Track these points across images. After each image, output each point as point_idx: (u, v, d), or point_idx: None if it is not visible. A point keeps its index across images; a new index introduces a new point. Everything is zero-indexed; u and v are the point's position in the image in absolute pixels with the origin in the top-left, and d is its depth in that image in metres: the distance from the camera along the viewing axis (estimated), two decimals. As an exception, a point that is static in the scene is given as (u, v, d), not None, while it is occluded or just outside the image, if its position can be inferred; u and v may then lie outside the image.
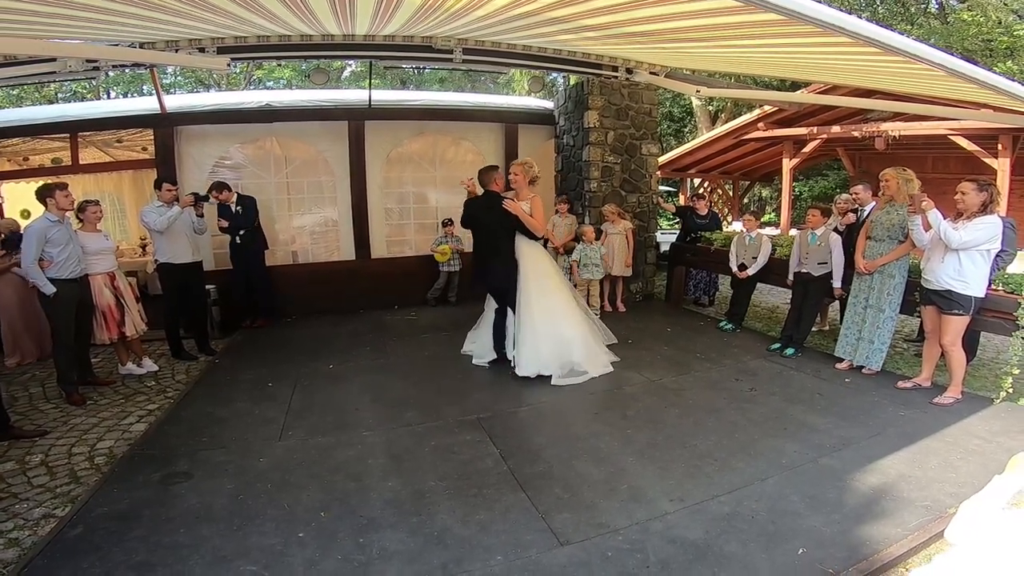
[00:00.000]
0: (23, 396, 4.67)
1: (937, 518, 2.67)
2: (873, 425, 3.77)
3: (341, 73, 19.42)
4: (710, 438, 3.60)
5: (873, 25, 2.53)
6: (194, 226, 5.77)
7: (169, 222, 5.38)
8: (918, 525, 2.64)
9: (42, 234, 4.31)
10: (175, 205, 5.50)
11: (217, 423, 3.97)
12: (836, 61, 3.97)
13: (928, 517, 2.70)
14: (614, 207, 7.13)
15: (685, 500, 2.89)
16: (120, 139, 8.03)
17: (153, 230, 5.48)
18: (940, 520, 2.64)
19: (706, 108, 16.31)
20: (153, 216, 5.39)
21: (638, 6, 3.23)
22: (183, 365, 5.49)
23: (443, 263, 7.55)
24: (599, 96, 7.23)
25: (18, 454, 3.57)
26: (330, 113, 7.30)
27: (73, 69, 4.64)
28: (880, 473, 3.13)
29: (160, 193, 5.52)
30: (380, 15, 4.15)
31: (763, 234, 6.23)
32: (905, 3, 14.91)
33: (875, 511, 2.78)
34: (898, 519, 2.70)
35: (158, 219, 5.36)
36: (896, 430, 3.68)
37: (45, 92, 16.50)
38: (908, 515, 2.73)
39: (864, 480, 3.07)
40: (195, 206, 5.68)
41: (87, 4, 3.03)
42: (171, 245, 5.55)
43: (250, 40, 4.84)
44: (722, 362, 5.15)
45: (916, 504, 2.82)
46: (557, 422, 3.89)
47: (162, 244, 5.54)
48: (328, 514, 2.80)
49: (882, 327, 4.66)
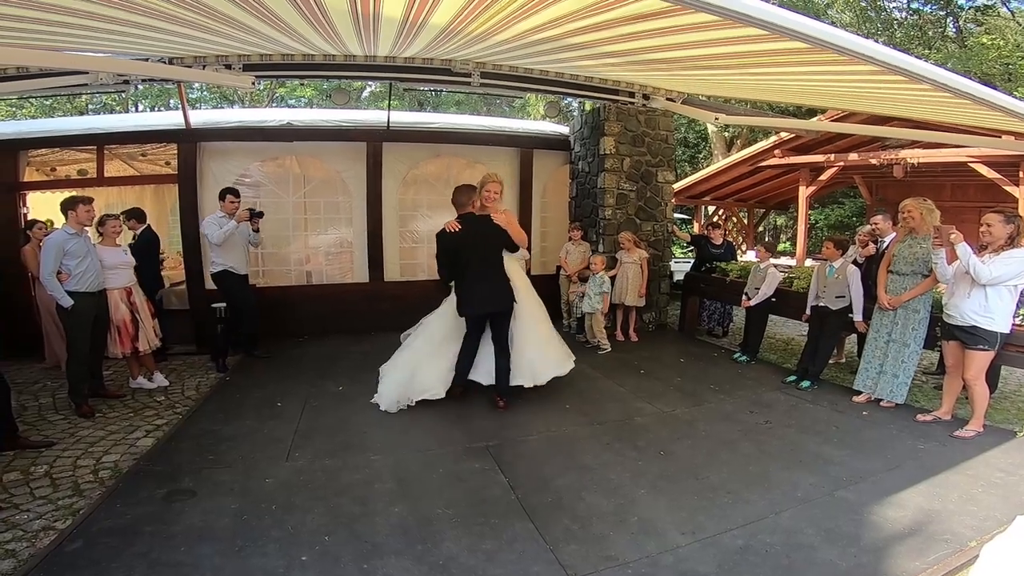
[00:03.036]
0: (33, 406, 4.69)
1: (957, 551, 2.60)
2: (891, 458, 3.68)
3: (360, 93, 19.78)
4: (723, 470, 3.51)
5: (901, 53, 2.50)
6: (250, 239, 5.98)
7: (225, 235, 5.58)
8: (937, 559, 2.56)
9: (60, 246, 4.37)
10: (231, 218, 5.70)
11: (224, 441, 3.95)
12: (857, 88, 3.95)
13: (948, 551, 2.62)
14: (631, 235, 7.08)
15: (697, 533, 2.81)
16: (145, 153, 8.19)
17: (211, 242, 5.67)
18: (961, 554, 2.57)
19: (722, 134, 16.36)
20: (213, 228, 5.60)
21: (661, 34, 3.25)
22: (193, 381, 5.49)
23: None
24: (615, 122, 7.24)
25: (23, 464, 3.57)
26: (349, 134, 7.38)
27: (104, 82, 4.77)
28: (898, 506, 3.05)
29: (223, 204, 5.72)
30: (403, 37, 4.21)
31: (772, 265, 6.16)
32: (922, 27, 14.95)
33: (893, 545, 2.70)
34: (917, 553, 2.61)
35: (217, 231, 5.56)
36: (915, 463, 3.59)
37: (76, 104, 16.92)
38: (927, 549, 2.65)
39: (882, 513, 2.98)
40: (251, 221, 5.86)
41: (119, 18, 3.10)
42: (228, 255, 5.76)
43: (275, 58, 4.94)
44: (736, 394, 5.05)
45: (936, 538, 2.74)
46: (567, 452, 3.81)
47: (219, 254, 5.74)
48: (332, 538, 2.74)
49: (907, 361, 4.56)
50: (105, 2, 2.75)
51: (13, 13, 2.71)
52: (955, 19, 15.06)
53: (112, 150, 7.47)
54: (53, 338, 5.59)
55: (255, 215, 5.90)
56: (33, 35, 3.35)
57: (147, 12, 3.04)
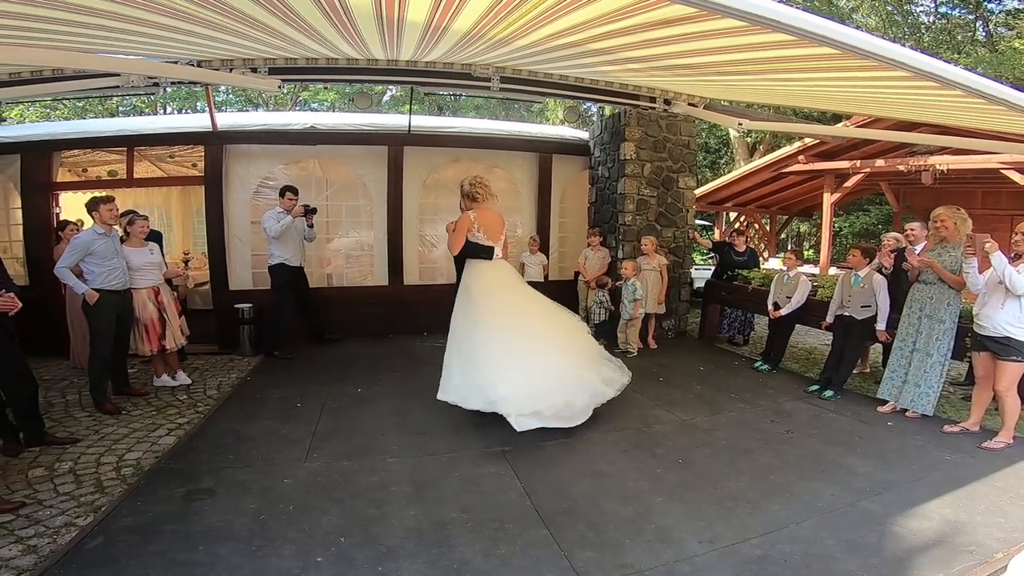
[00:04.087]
0: (59, 402, 4.80)
1: (983, 563, 2.54)
2: (916, 469, 3.60)
3: (382, 97, 19.97)
4: (743, 479, 3.46)
5: (931, 58, 2.44)
6: (304, 234, 6.38)
7: (282, 229, 6.04)
8: (962, 570, 2.51)
9: (86, 246, 4.47)
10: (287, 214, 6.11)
11: (244, 441, 3.99)
12: (884, 94, 3.87)
13: (973, 562, 2.56)
14: (653, 240, 7.01)
15: (715, 542, 2.77)
16: (172, 154, 8.37)
17: (269, 235, 6.10)
18: (986, 565, 2.52)
19: (744, 139, 16.17)
20: (271, 223, 6.06)
21: (685, 39, 3.22)
22: (215, 380, 5.57)
23: None
24: (636, 127, 7.19)
25: (48, 460, 3.64)
26: (371, 138, 7.45)
27: (135, 84, 4.88)
28: (923, 517, 2.99)
29: (282, 200, 6.20)
30: (426, 41, 4.24)
31: (801, 273, 6.05)
32: (951, 31, 14.63)
33: (916, 555, 2.65)
34: (941, 564, 2.56)
35: (274, 225, 6.04)
36: (941, 474, 3.51)
37: (107, 106, 17.31)
38: (952, 560, 2.59)
39: (905, 524, 2.92)
40: (305, 217, 6.26)
41: (151, 21, 3.17)
42: (285, 249, 6.20)
43: (300, 62, 5.01)
44: (757, 403, 4.97)
45: (961, 549, 2.68)
46: (583, 458, 3.77)
47: (276, 247, 6.19)
48: (348, 539, 2.75)
49: (929, 371, 4.46)
50: (137, 5, 2.81)
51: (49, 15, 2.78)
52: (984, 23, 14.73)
53: (141, 152, 7.62)
54: (77, 339, 5.71)
55: (309, 211, 6.28)
56: (67, 37, 3.44)
57: (177, 15, 3.11)
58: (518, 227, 8.34)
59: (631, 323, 6.61)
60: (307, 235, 6.44)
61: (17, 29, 2.98)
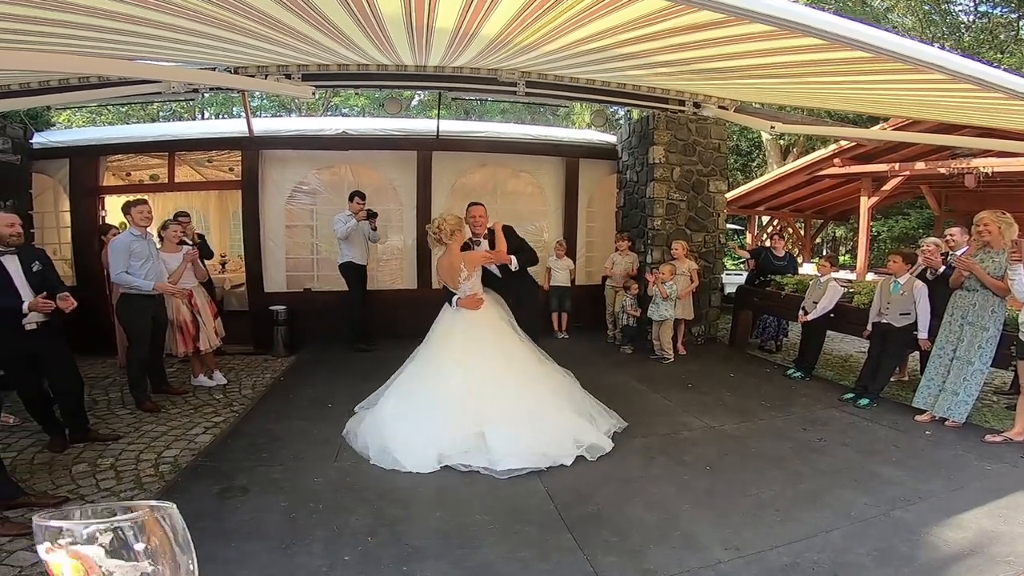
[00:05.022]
0: (103, 400, 5.00)
1: (1020, 573, 2.47)
2: (955, 479, 3.49)
3: (410, 102, 20.21)
4: (772, 487, 3.40)
5: (970, 60, 2.37)
6: (368, 236, 6.88)
7: (347, 231, 6.57)
8: None
9: (126, 247, 4.64)
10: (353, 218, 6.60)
11: (277, 440, 4.09)
12: (922, 97, 3.76)
13: (1010, 572, 2.50)
14: (684, 244, 6.93)
15: (741, 549, 2.73)
16: (210, 159, 8.63)
17: (336, 236, 6.66)
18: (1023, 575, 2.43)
19: (777, 142, 15.84)
20: (340, 225, 6.59)
21: (716, 44, 3.19)
22: (250, 380, 5.73)
23: None
24: (665, 131, 7.13)
25: (91, 456, 3.80)
26: (400, 143, 7.56)
27: (176, 90, 5.07)
28: (959, 528, 2.90)
29: (351, 204, 6.68)
30: (453, 47, 4.29)
31: (833, 278, 5.91)
32: (992, 30, 14.08)
33: (950, 565, 2.58)
34: (976, 574, 2.49)
35: (342, 227, 6.57)
36: (981, 484, 3.40)
37: (149, 111, 17.91)
38: (987, 570, 2.52)
39: (940, 534, 2.84)
40: (368, 220, 6.71)
41: (191, 29, 3.28)
42: (352, 249, 6.76)
43: (331, 68, 5.12)
44: (789, 410, 4.87)
45: (998, 559, 2.60)
46: (609, 464, 3.75)
47: (345, 248, 6.77)
48: (375, 539, 2.80)
49: (969, 380, 4.32)
50: (178, 14, 2.92)
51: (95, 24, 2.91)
52: (1028, 21, 14.13)
53: (182, 156, 7.89)
54: (122, 339, 5.94)
55: (371, 215, 6.73)
56: (111, 45, 3.59)
57: (217, 23, 3.22)
58: (544, 232, 8.36)
59: (663, 327, 6.55)
60: (371, 237, 6.90)
61: (64, 37, 3.12)
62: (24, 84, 4.55)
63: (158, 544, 0.44)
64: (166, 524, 0.45)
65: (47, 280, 3.73)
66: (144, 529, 0.44)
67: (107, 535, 0.42)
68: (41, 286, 3.64)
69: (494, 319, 4.30)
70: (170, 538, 0.45)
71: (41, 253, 3.90)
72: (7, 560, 2.60)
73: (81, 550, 0.42)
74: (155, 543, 0.44)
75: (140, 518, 0.44)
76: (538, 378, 4.15)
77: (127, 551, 0.43)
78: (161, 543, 0.45)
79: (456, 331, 4.20)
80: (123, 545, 0.43)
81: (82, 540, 0.42)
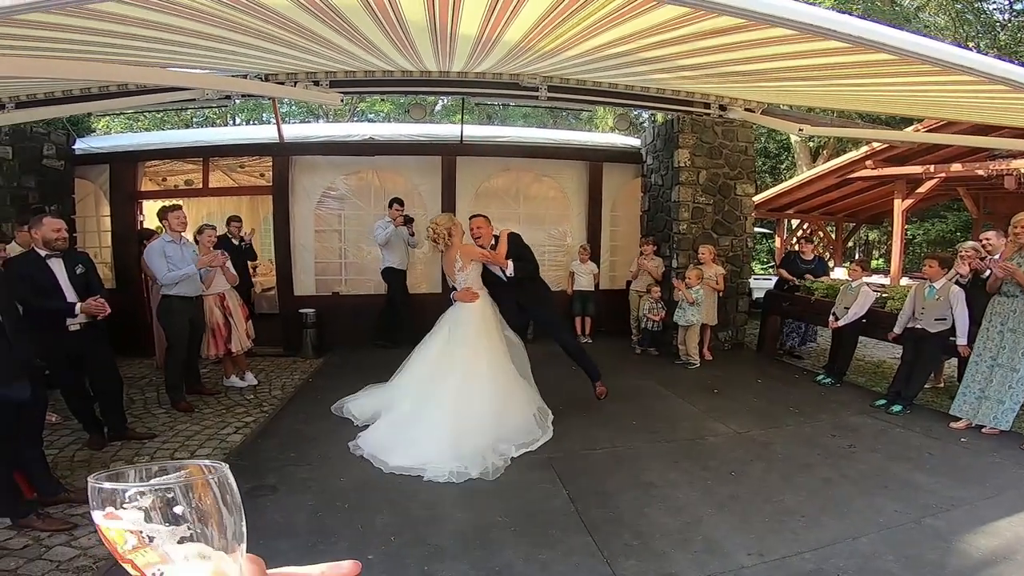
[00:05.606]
0: (139, 399, 5.17)
1: None
2: (990, 486, 3.41)
3: (434, 107, 20.40)
4: (799, 494, 3.35)
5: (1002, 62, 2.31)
6: (407, 241, 7.08)
7: (387, 236, 6.76)
8: None
9: (160, 251, 4.80)
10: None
11: (306, 440, 4.19)
12: (955, 98, 3.68)
13: None
14: (712, 248, 6.85)
15: (765, 555, 2.70)
16: (242, 165, 8.86)
17: (376, 242, 6.90)
18: None
19: (806, 144, 15.53)
20: (379, 231, 6.80)
21: (740, 47, 3.18)
22: (280, 381, 5.86)
23: None
24: (690, 134, 7.07)
25: (128, 454, 3.94)
26: (425, 148, 7.65)
27: (210, 97, 5.25)
28: (992, 535, 2.83)
29: (390, 211, 6.87)
30: (476, 53, 4.35)
31: (865, 283, 5.78)
32: (1032, 29, 13.59)
33: (981, 572, 2.53)
34: None
35: (381, 233, 6.78)
36: (1017, 492, 3.31)
37: (183, 117, 18.41)
38: None
39: (972, 541, 2.78)
40: (406, 225, 6.95)
41: (224, 37, 3.41)
42: (392, 254, 6.98)
43: (358, 75, 5.23)
44: (818, 416, 4.78)
45: None
46: (632, 468, 3.75)
47: (386, 253, 6.99)
48: (398, 539, 2.85)
49: (1015, 387, 4.19)
50: (211, 23, 3.03)
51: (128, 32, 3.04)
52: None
53: (215, 162, 8.12)
54: (161, 340, 6.14)
55: (407, 220, 6.94)
56: (147, 54, 3.74)
57: (249, 32, 3.33)
58: (568, 236, 8.36)
59: (689, 332, 6.50)
60: (410, 242, 7.08)
61: (100, 46, 3.27)
62: (67, 91, 4.76)
63: (209, 505, 0.44)
64: (214, 484, 0.45)
65: (90, 283, 3.87)
66: (192, 490, 0.43)
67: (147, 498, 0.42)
68: (84, 288, 3.79)
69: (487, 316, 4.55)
70: (217, 498, 0.45)
71: (84, 256, 4.04)
72: (46, 555, 2.70)
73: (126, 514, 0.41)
74: (205, 503, 0.44)
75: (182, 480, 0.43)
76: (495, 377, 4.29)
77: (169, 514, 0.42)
78: (210, 504, 0.44)
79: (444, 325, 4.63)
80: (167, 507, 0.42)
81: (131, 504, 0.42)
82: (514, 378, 4.42)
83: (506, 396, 4.22)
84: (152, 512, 0.42)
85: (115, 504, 0.42)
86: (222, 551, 0.46)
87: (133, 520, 0.42)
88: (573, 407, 4.88)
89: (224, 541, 0.46)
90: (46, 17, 2.38)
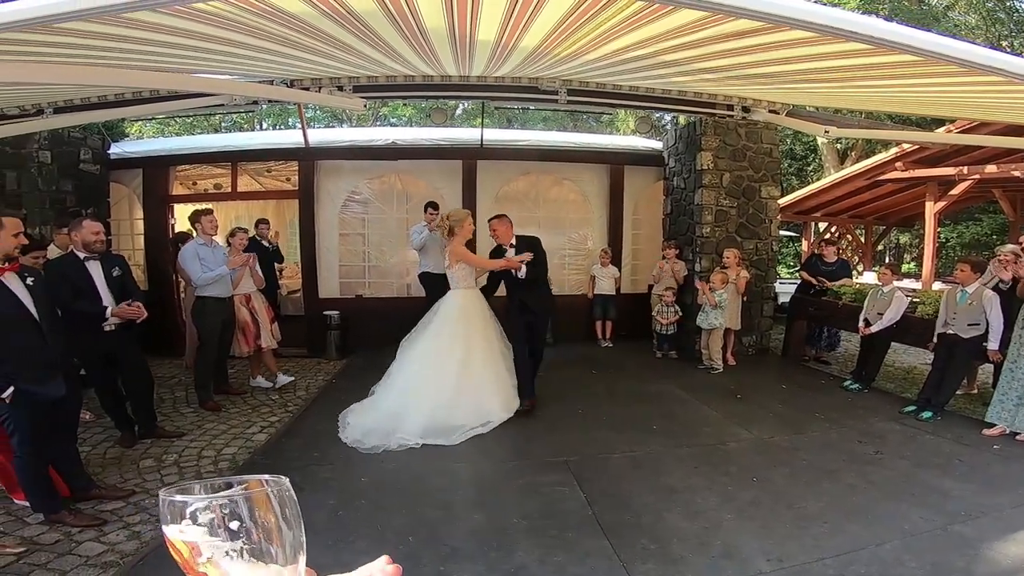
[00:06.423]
0: (169, 399, 5.32)
1: None
2: (1022, 494, 3.31)
3: (455, 111, 20.54)
4: (822, 500, 3.30)
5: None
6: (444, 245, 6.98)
7: (422, 241, 6.66)
8: None
9: (194, 253, 4.93)
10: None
11: (328, 440, 4.25)
12: (985, 98, 3.58)
13: None
14: (737, 252, 6.75)
15: (784, 561, 2.66)
16: (269, 169, 9.05)
17: (412, 246, 6.89)
18: None
19: (833, 146, 15.20)
20: (415, 236, 6.73)
21: (761, 49, 3.15)
22: (304, 382, 5.97)
23: None
24: (713, 136, 6.99)
25: (157, 452, 4.05)
26: (446, 152, 7.71)
27: (238, 102, 5.41)
28: (1022, 543, 2.75)
29: (425, 215, 6.73)
30: (495, 58, 4.39)
31: (897, 288, 5.64)
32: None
33: None
34: None
35: (417, 238, 6.70)
36: None
37: (212, 122, 18.83)
38: None
39: (1001, 549, 2.71)
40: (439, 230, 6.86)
41: (250, 44, 3.50)
42: (428, 259, 6.79)
43: (380, 80, 5.32)
44: (844, 423, 4.68)
45: None
46: (650, 472, 3.73)
47: (422, 258, 6.88)
48: (415, 539, 2.89)
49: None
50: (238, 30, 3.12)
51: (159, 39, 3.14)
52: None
53: (243, 166, 8.29)
54: (192, 340, 6.29)
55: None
56: (176, 60, 3.86)
57: (275, 39, 3.42)
58: (589, 239, 8.35)
59: (712, 336, 6.43)
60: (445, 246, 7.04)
61: (134, 53, 3.39)
62: (102, 97, 4.94)
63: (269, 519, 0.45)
64: (274, 499, 0.46)
65: (126, 285, 4.00)
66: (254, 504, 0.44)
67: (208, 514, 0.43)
68: (120, 291, 3.93)
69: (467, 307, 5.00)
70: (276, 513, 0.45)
71: (120, 259, 4.17)
72: (76, 550, 2.79)
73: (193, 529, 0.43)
74: (265, 519, 0.45)
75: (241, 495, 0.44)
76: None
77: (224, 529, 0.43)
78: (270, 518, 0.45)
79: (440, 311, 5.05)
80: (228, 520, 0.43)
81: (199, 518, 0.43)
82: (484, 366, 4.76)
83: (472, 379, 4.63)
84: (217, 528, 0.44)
85: (183, 517, 0.44)
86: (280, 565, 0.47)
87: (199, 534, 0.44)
88: (593, 410, 4.88)
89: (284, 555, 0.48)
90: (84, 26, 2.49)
